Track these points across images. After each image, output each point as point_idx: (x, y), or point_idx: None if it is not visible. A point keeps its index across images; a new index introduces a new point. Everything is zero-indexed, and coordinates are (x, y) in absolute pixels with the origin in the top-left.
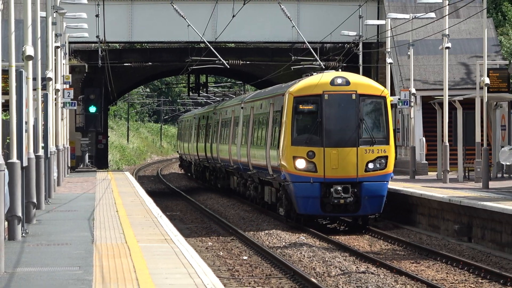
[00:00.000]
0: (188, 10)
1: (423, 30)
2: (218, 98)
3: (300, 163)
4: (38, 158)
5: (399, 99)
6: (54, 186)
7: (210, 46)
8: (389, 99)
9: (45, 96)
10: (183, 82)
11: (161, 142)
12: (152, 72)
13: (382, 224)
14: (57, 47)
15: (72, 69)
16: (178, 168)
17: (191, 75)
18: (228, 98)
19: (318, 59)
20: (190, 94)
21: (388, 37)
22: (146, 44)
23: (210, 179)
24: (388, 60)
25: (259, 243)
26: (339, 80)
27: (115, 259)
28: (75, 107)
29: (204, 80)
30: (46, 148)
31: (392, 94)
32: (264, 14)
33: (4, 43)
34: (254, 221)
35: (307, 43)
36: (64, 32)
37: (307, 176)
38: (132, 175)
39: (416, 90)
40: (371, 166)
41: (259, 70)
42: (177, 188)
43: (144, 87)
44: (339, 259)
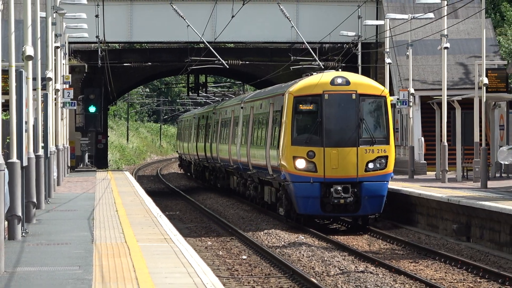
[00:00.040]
0: (187, 11)
1: (421, 30)
2: (218, 98)
3: (300, 163)
4: (38, 158)
5: (398, 99)
6: (54, 186)
7: (209, 46)
8: (389, 99)
9: (45, 96)
10: (182, 82)
11: (160, 142)
12: (152, 72)
13: (381, 224)
14: (57, 47)
15: (72, 69)
16: (177, 168)
17: (190, 75)
18: (228, 98)
19: (317, 59)
20: (190, 94)
21: (387, 37)
22: (145, 44)
23: (210, 179)
24: (387, 60)
25: (258, 243)
26: (339, 80)
27: (115, 259)
28: (75, 107)
29: (204, 80)
30: (46, 148)
31: (391, 94)
32: (263, 14)
33: (4, 43)
34: (254, 220)
35: (306, 43)
36: (64, 32)
37: (307, 176)
38: (132, 175)
39: (415, 90)
40: (371, 166)
41: (258, 70)
42: (176, 188)
43: (144, 87)
44: (338, 258)
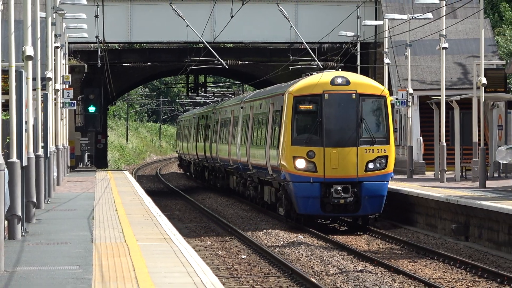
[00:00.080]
0: (187, 11)
1: (420, 30)
2: (217, 98)
3: (300, 163)
4: (38, 157)
5: (397, 99)
6: (53, 186)
7: (208, 46)
8: (389, 99)
9: (44, 96)
10: (182, 82)
11: (160, 141)
12: (151, 72)
13: (380, 224)
14: (56, 47)
15: (71, 69)
16: (177, 168)
17: (190, 75)
18: (227, 98)
19: (316, 59)
20: (189, 94)
21: (385, 37)
22: (145, 45)
23: (209, 178)
24: (386, 60)
25: (257, 242)
26: (339, 80)
27: (115, 258)
28: (75, 107)
29: (203, 80)
30: (45, 147)
31: (390, 94)
32: (262, 14)
33: (4, 43)
34: (253, 220)
35: (305, 43)
36: (64, 33)
37: (307, 176)
38: (131, 175)
39: (414, 90)
40: (371, 166)
41: (257, 70)
42: (176, 188)
43: (143, 87)
44: (337, 258)
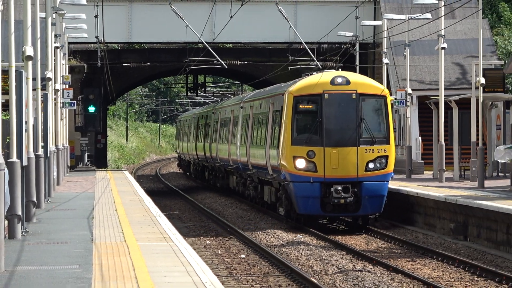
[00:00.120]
0: (186, 11)
1: (419, 30)
2: (216, 98)
3: (300, 163)
4: (38, 157)
5: (396, 99)
6: (53, 185)
7: (208, 46)
8: (389, 99)
9: (44, 96)
10: (181, 82)
11: (159, 141)
12: (151, 72)
13: (379, 223)
14: (56, 48)
15: (71, 69)
16: (176, 168)
17: (189, 75)
18: (227, 98)
19: (315, 60)
20: (189, 94)
21: (384, 37)
22: (144, 45)
23: (209, 178)
24: (385, 60)
25: (257, 242)
26: (339, 80)
27: (114, 258)
28: (75, 107)
29: (202, 80)
30: (45, 147)
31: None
32: (261, 15)
33: (4, 43)
34: (252, 220)
35: (304, 43)
36: (64, 33)
37: (307, 176)
38: (131, 174)
39: (412, 90)
40: (371, 165)
41: (256, 70)
42: (175, 187)
43: (143, 87)
44: (336, 257)
